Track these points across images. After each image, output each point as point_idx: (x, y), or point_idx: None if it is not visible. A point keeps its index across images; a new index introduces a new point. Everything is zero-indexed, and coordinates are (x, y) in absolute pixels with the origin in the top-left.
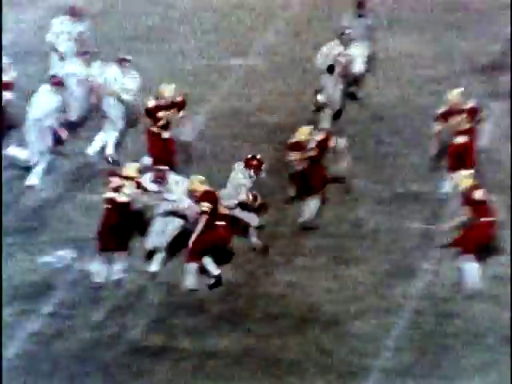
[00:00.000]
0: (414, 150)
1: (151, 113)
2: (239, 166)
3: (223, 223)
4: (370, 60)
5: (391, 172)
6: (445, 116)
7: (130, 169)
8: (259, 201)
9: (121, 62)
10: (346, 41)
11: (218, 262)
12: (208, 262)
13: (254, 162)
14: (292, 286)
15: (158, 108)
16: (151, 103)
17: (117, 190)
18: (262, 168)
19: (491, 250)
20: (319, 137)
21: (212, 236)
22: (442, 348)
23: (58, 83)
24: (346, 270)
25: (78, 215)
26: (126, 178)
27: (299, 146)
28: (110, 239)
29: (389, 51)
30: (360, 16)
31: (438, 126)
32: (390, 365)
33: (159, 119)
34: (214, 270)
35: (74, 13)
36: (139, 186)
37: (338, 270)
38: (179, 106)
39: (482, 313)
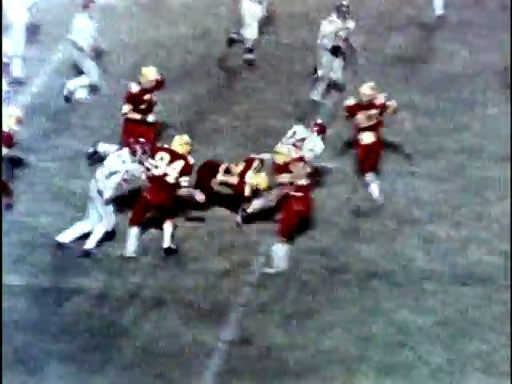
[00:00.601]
0: (271, 86)
1: (136, 98)
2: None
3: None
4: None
5: (249, 108)
6: (354, 110)
7: None
8: None
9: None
10: (343, 14)
11: None
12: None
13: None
14: (153, 223)
15: (144, 92)
16: (136, 88)
17: None
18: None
19: None
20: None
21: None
22: (301, 284)
23: None
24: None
25: None
26: None
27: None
28: None
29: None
30: None
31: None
32: (250, 301)
33: (142, 103)
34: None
35: None
36: None
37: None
38: (159, 86)
39: (341, 248)
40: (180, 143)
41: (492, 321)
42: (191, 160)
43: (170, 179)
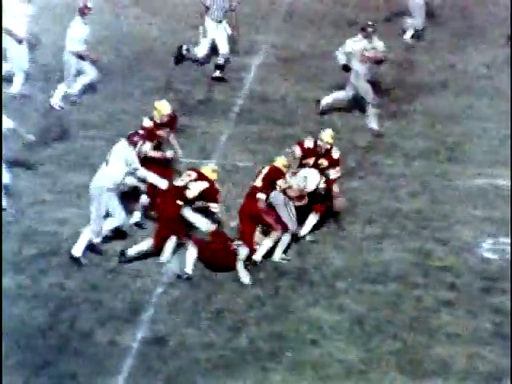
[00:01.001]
0: (181, 85)
1: (150, 133)
2: None
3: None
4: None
5: None
6: (309, 153)
7: None
8: None
9: (83, 11)
10: (369, 34)
11: None
12: None
13: None
14: (62, 223)
15: (157, 127)
16: (148, 123)
17: None
18: None
19: None
20: None
21: None
22: (213, 282)
23: None
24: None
25: None
26: None
27: None
28: None
29: None
30: None
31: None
32: (165, 300)
33: (154, 139)
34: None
35: None
36: None
37: None
38: (172, 123)
39: None
40: (212, 170)
41: (406, 318)
42: (217, 186)
43: (189, 194)
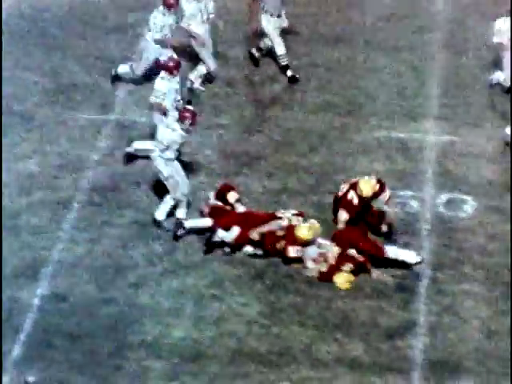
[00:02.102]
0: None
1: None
2: None
3: None
4: None
5: (57, 63)
6: None
7: None
8: None
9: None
10: None
11: None
12: None
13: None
14: None
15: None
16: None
17: None
18: None
19: None
20: None
21: None
22: (113, 238)
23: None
24: (16, 163)
25: None
26: None
27: None
28: None
29: None
30: None
31: None
32: (64, 256)
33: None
34: None
35: None
36: None
37: (11, 163)
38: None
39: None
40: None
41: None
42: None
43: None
